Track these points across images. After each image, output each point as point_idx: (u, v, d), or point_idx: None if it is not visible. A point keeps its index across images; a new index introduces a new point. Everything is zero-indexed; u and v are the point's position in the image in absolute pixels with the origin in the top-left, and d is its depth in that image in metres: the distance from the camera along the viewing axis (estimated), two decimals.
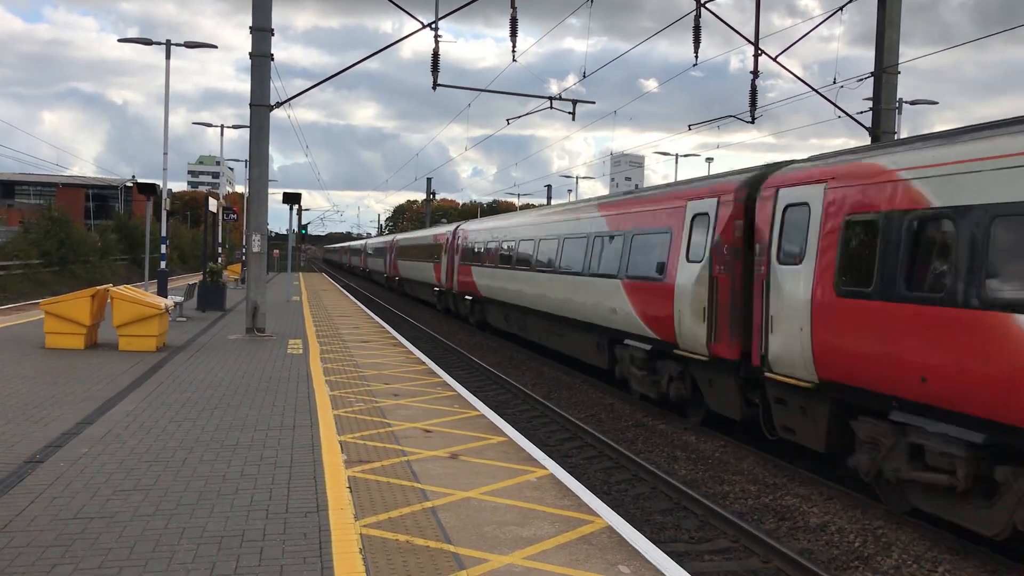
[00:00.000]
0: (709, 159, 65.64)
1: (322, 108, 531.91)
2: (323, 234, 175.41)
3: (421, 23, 19.95)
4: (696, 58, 20.33)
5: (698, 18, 19.65)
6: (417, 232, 52.18)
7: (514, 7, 20.01)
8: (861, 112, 19.92)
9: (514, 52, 21.14)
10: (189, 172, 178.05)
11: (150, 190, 26.75)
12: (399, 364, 16.17)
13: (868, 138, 19.08)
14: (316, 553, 5.91)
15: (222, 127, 47.33)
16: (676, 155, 56.36)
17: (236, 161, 66.85)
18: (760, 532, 8.77)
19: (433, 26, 19.95)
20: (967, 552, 8.39)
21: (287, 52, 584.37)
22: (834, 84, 19.73)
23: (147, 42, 28.34)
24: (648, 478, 11.07)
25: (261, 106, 19.66)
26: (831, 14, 19.32)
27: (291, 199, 31.61)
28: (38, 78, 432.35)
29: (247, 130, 20.76)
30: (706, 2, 19.37)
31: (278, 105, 20.23)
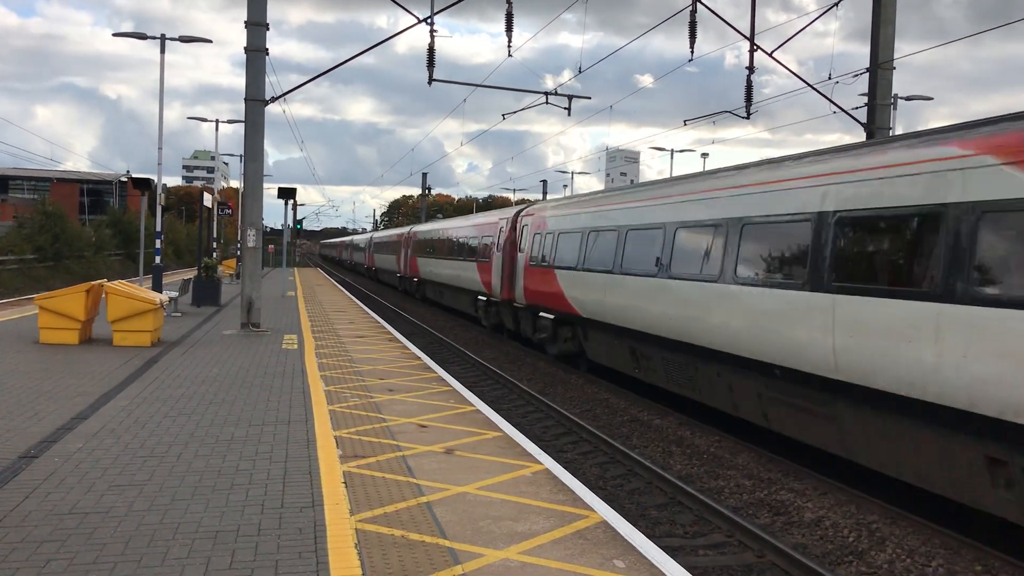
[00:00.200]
0: (704, 154, 65.66)
1: (317, 103, 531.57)
2: (318, 229, 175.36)
3: (417, 18, 19.92)
4: (692, 53, 20.36)
5: (694, 13, 19.65)
6: (447, 222, 41.21)
7: (509, 2, 20.00)
8: (856, 108, 19.95)
9: (510, 47, 21.14)
10: (184, 167, 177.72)
11: (145, 185, 26.71)
12: (394, 359, 16.16)
13: (864, 134, 19.11)
14: (311, 548, 5.91)
15: (217, 122, 47.29)
16: (671, 150, 56.49)
17: (231, 156, 66.68)
18: (755, 527, 8.79)
19: (428, 21, 19.92)
20: (961, 546, 8.42)
21: (282, 47, 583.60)
22: (829, 80, 19.76)
23: (142, 36, 28.27)
24: (643, 473, 11.09)
25: (256, 101, 19.60)
26: (826, 10, 19.34)
27: (286, 194, 31.54)
28: (32, 72, 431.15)
29: (242, 125, 20.73)
30: None
31: (273, 100, 20.18)
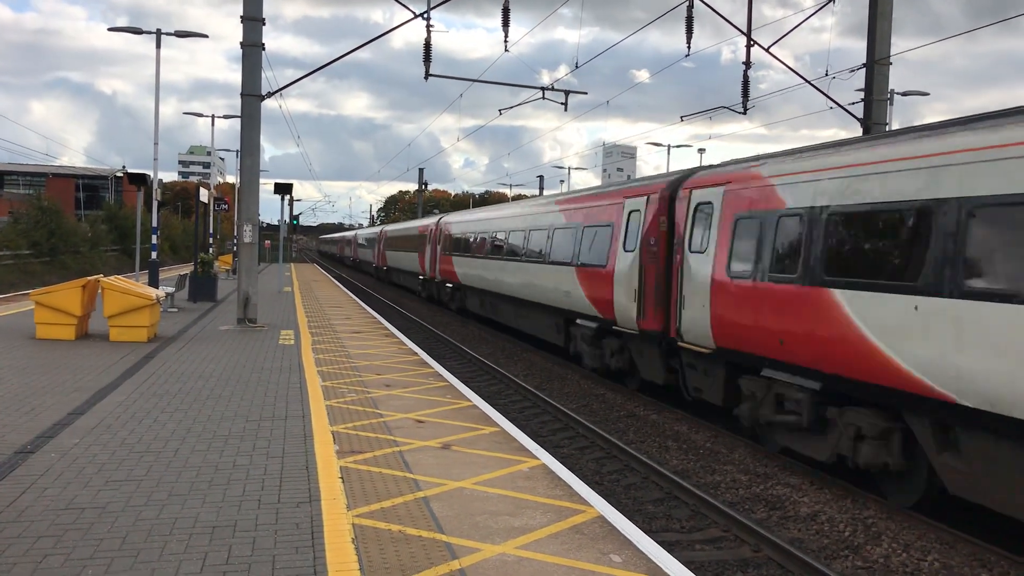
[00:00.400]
0: (701, 150, 65.73)
1: (313, 98, 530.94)
2: (315, 224, 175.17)
3: (413, 13, 19.89)
4: (688, 49, 20.37)
5: (690, 8, 19.66)
6: (502, 208, 28.55)
7: None
8: (853, 103, 19.98)
9: (506, 42, 21.12)
10: (180, 162, 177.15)
11: (141, 180, 26.65)
12: (391, 355, 16.16)
13: (859, 129, 19.12)
14: (308, 543, 5.91)
15: (213, 117, 47.15)
16: (668, 146, 56.50)
17: (227, 151, 66.75)
18: (751, 522, 8.81)
19: (425, 16, 19.90)
20: (956, 541, 8.45)
21: (277, 42, 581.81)
22: (826, 76, 19.77)
23: (137, 31, 28.18)
24: (640, 468, 11.11)
25: (252, 96, 19.57)
26: (823, 5, 19.36)
27: (282, 189, 31.48)
28: (26, 67, 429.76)
29: (238, 120, 20.70)
30: None
31: (269, 95, 20.15)
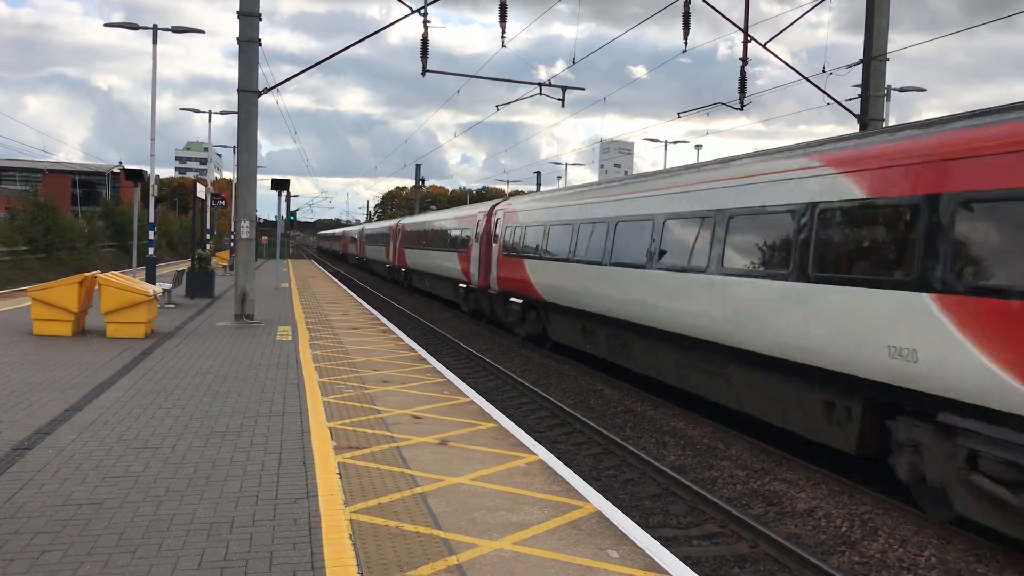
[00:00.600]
0: (698, 146, 65.70)
1: (310, 94, 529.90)
2: (312, 220, 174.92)
3: (410, 8, 19.86)
4: (685, 45, 20.33)
5: (687, 4, 19.61)
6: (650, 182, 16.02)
7: None
8: (850, 99, 19.96)
9: (503, 38, 21.08)
10: (177, 158, 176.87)
11: (137, 176, 26.58)
12: (388, 351, 16.16)
13: (857, 125, 19.12)
14: (306, 539, 5.91)
15: (209, 113, 47.10)
16: (665, 142, 56.51)
17: (224, 147, 66.64)
18: (748, 517, 8.82)
19: (422, 11, 19.86)
20: (953, 536, 8.47)
21: (274, 37, 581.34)
22: (823, 72, 19.75)
23: (133, 27, 28.11)
24: (637, 464, 11.12)
25: (249, 92, 19.53)
26: (820, 1, 19.32)
27: (279, 185, 31.46)
28: (22, 63, 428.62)
29: (235, 116, 20.67)
30: None
31: (266, 91, 20.10)
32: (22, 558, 5.38)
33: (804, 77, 20.25)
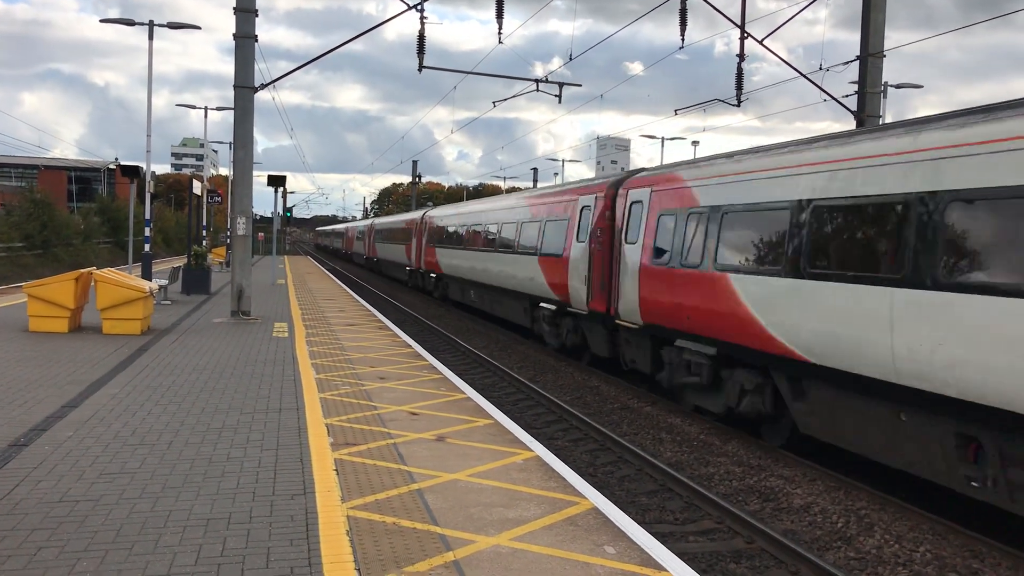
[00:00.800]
0: (695, 142, 65.65)
1: (306, 90, 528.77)
2: (308, 217, 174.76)
3: (406, 4, 19.82)
4: (682, 41, 20.31)
5: (684, 0, 19.60)
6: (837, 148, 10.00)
7: None
8: (847, 96, 19.98)
9: (500, 34, 21.05)
10: (173, 155, 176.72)
11: (133, 172, 26.53)
12: (385, 347, 16.16)
13: (853, 122, 19.14)
14: (303, 535, 5.92)
15: (206, 109, 47.09)
16: (662, 138, 56.50)
17: (220, 143, 66.40)
18: (744, 513, 8.85)
19: (418, 7, 19.83)
20: (948, 532, 8.50)
21: (270, 33, 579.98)
22: (820, 69, 19.75)
23: (129, 23, 28.05)
24: (633, 460, 11.13)
25: (245, 88, 19.49)
26: None
27: (276, 181, 31.41)
28: (18, 59, 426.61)
29: (231, 112, 20.61)
30: None
31: (262, 87, 20.08)
32: (19, 554, 5.38)
33: (801, 74, 20.25)
